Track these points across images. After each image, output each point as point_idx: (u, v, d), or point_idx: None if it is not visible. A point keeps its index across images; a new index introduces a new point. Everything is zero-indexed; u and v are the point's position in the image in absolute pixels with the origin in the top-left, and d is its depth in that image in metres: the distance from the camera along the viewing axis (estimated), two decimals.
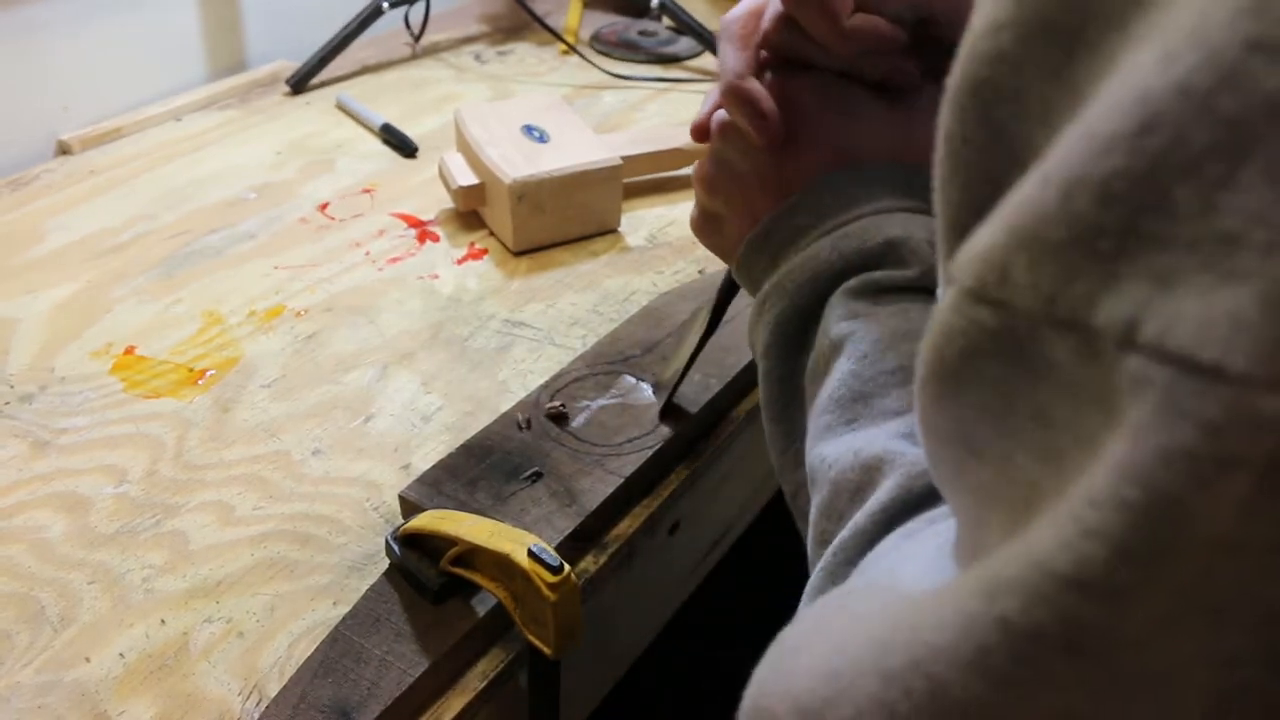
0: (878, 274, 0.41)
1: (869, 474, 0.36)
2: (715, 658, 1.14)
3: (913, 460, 0.35)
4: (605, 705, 0.65)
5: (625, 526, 0.58)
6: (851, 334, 0.40)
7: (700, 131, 0.50)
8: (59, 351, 0.72)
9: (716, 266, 0.80)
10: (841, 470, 0.37)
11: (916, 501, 0.34)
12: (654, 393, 0.64)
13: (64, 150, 0.98)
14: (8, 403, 0.67)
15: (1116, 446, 0.18)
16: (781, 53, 0.46)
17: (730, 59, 0.46)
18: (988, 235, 0.20)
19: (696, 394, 0.63)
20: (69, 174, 0.94)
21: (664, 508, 0.60)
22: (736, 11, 0.47)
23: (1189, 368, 0.16)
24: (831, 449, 0.39)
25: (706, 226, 0.51)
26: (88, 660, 0.51)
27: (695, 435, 0.64)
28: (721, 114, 0.48)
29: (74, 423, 0.65)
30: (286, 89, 1.10)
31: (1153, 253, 0.17)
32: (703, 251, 0.83)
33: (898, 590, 0.26)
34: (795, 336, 0.44)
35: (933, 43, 0.45)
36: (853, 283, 0.42)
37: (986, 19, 0.22)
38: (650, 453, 0.59)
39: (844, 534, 0.36)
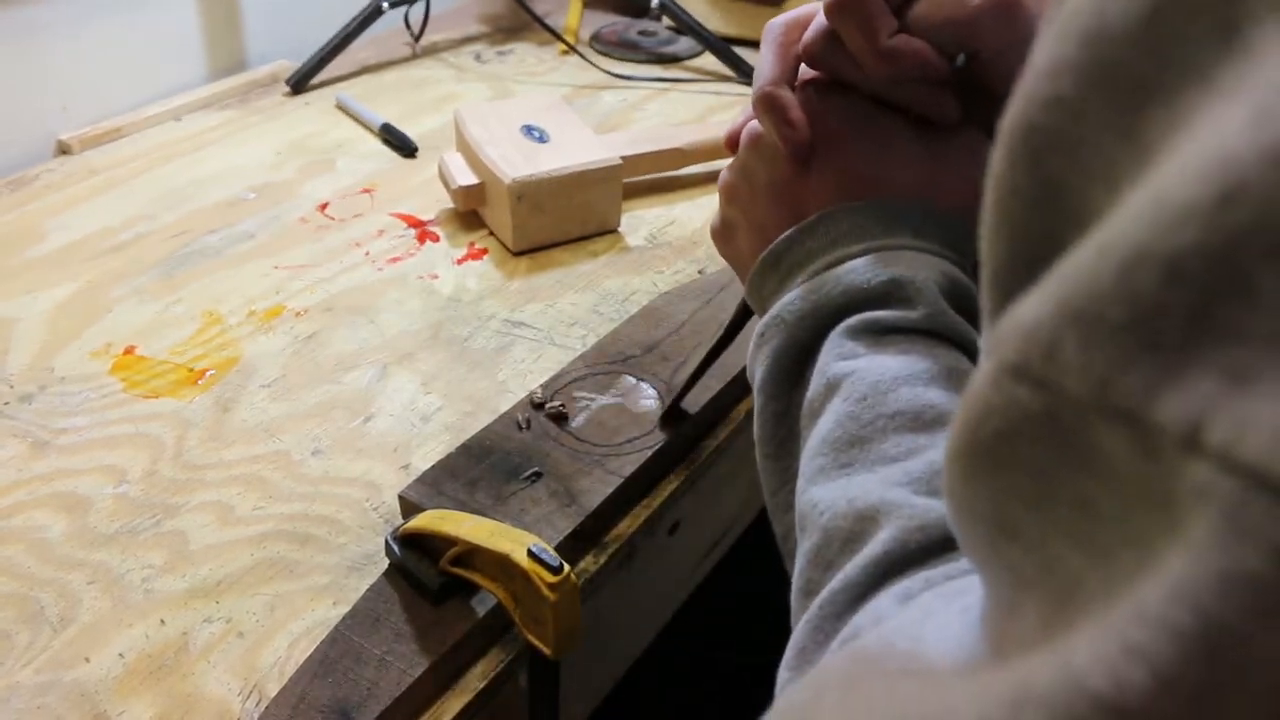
0: (880, 313, 0.40)
1: (862, 523, 0.35)
2: (715, 658, 1.14)
3: (910, 513, 0.34)
4: (605, 705, 0.65)
5: (625, 526, 0.58)
6: (850, 374, 0.39)
7: (733, 141, 0.48)
8: (59, 351, 0.72)
9: (716, 267, 0.80)
10: (833, 517, 0.36)
11: (912, 557, 0.33)
12: (659, 397, 0.64)
13: (64, 150, 0.98)
14: (7, 403, 0.67)
15: (1174, 561, 0.16)
16: (820, 67, 0.45)
17: (767, 66, 0.45)
18: (1034, 307, 0.18)
19: (696, 394, 0.63)
20: (68, 174, 0.94)
21: (664, 508, 0.60)
22: (782, 18, 0.46)
23: (1261, 483, 0.14)
24: (824, 494, 0.37)
25: (724, 235, 0.50)
26: (87, 660, 0.50)
27: (695, 435, 0.64)
28: (754, 123, 0.46)
29: (73, 423, 0.65)
30: (286, 89, 1.10)
31: (1226, 344, 0.15)
32: (703, 251, 0.83)
33: (921, 661, 0.24)
34: (792, 372, 0.42)
35: (976, 83, 0.44)
36: (853, 320, 0.40)
37: (1046, 58, 0.20)
38: (650, 453, 0.59)
39: (833, 585, 0.34)
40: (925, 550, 0.33)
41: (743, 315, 0.55)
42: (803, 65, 0.46)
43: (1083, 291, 0.17)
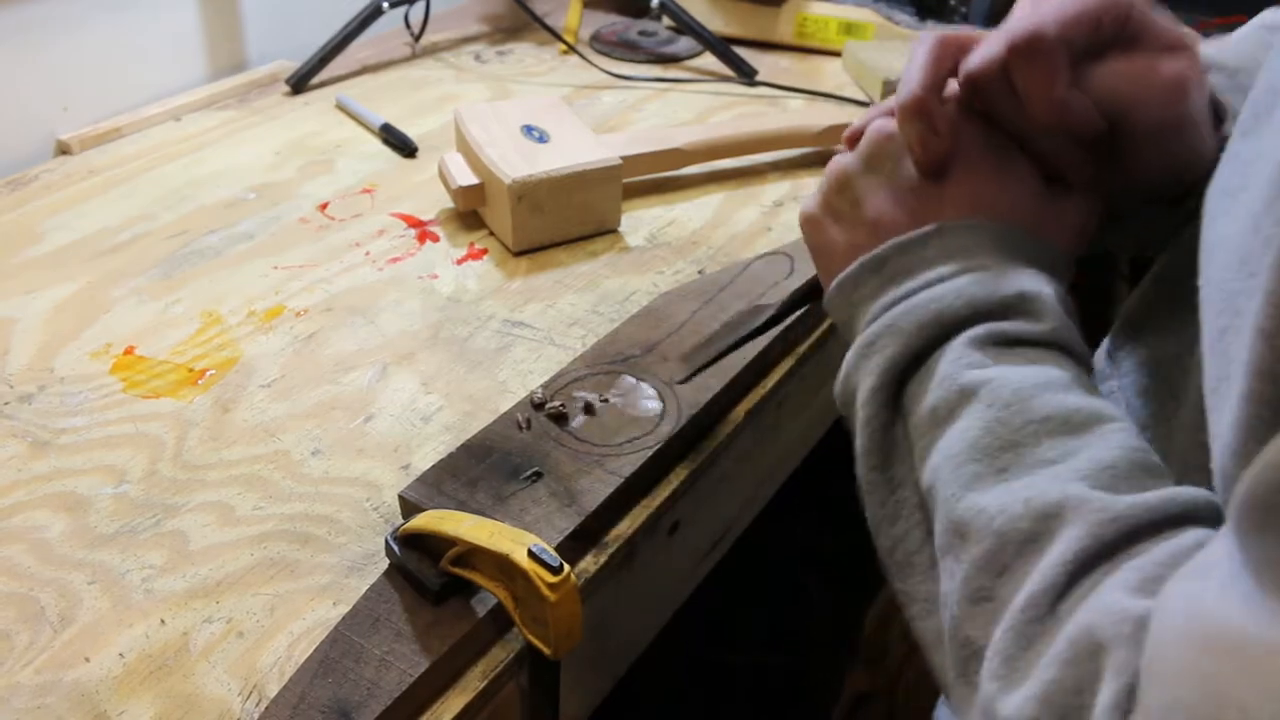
0: (1007, 324, 0.41)
1: (1045, 522, 0.35)
2: (715, 658, 1.14)
3: (1098, 506, 0.34)
4: (605, 705, 0.65)
5: (625, 526, 0.58)
6: (987, 381, 0.39)
7: (854, 137, 0.49)
8: (58, 351, 0.72)
9: (716, 267, 0.80)
10: (1010, 520, 0.35)
11: (1107, 549, 0.33)
12: (659, 397, 0.64)
13: (63, 150, 0.98)
14: (7, 403, 0.67)
15: None
16: (978, 95, 0.45)
17: (920, 73, 0.46)
18: None
19: (697, 394, 0.63)
20: (68, 174, 0.94)
21: (664, 508, 0.60)
22: (943, 32, 0.47)
23: None
24: (989, 499, 0.37)
25: (820, 223, 0.50)
26: (87, 660, 0.50)
27: (695, 435, 0.64)
28: (885, 122, 0.47)
29: (73, 423, 0.65)
30: (286, 89, 1.10)
31: None
32: (703, 251, 0.83)
33: (1254, 638, 0.26)
34: (902, 382, 0.42)
35: (1109, 151, 0.45)
36: (979, 330, 0.41)
37: None
38: (650, 453, 0.59)
39: (1030, 590, 0.34)
40: (1120, 541, 0.33)
41: (801, 300, 0.55)
42: (951, 83, 0.47)
43: None
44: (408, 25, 1.19)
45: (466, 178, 0.83)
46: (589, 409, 0.62)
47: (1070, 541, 0.34)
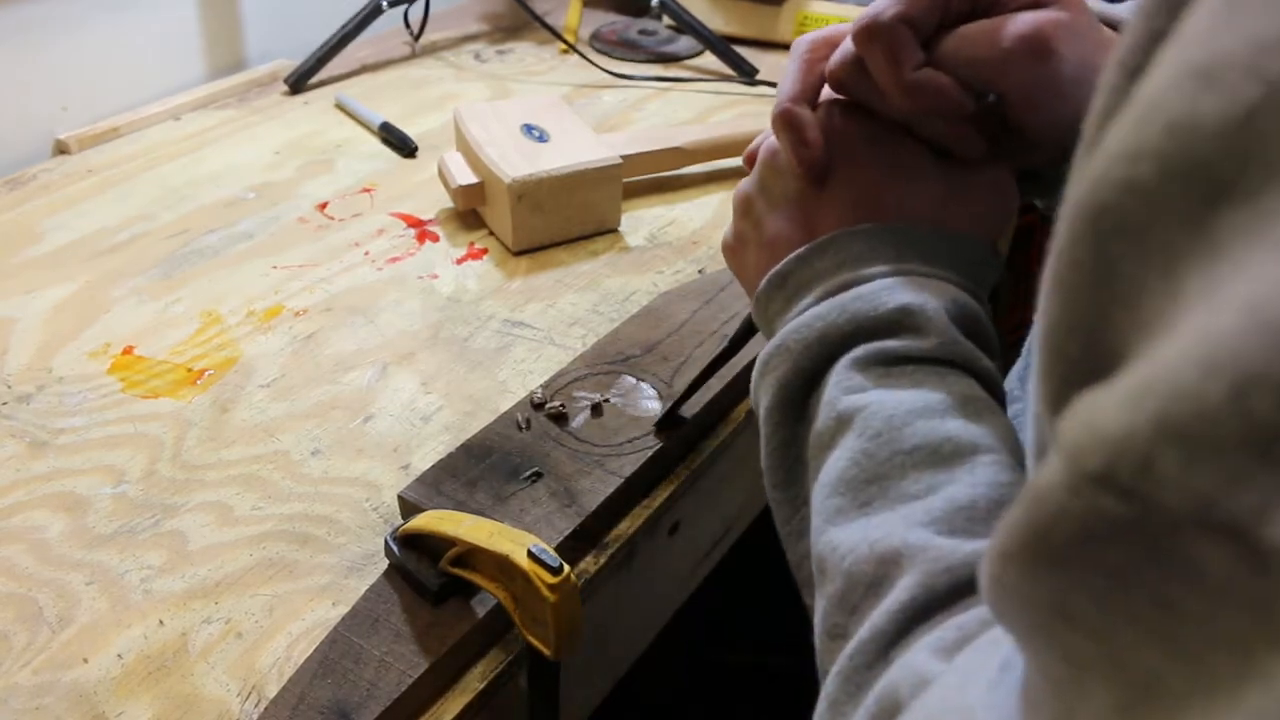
0: (889, 343, 0.39)
1: (885, 567, 0.34)
2: (715, 658, 1.14)
3: (934, 555, 0.33)
4: (605, 706, 0.65)
5: (625, 527, 0.58)
6: (862, 408, 0.38)
7: (752, 156, 0.49)
8: (57, 351, 0.72)
9: (716, 267, 0.80)
10: (856, 561, 0.35)
11: (939, 601, 0.32)
12: (659, 398, 0.64)
13: (62, 150, 0.98)
14: (5, 403, 0.67)
15: None
16: (844, 92, 0.44)
17: (789, 82, 0.45)
18: (1122, 416, 0.18)
19: (697, 394, 0.63)
20: (67, 174, 0.94)
21: (664, 508, 0.60)
22: (811, 35, 0.46)
23: None
24: (843, 536, 0.36)
25: (734, 249, 0.49)
26: (86, 661, 0.50)
27: (695, 436, 0.64)
28: (774, 139, 0.46)
29: (72, 423, 0.65)
30: (285, 88, 1.10)
31: None
32: (703, 251, 0.83)
33: None
34: (798, 401, 0.41)
35: (1006, 121, 0.43)
36: (860, 351, 0.39)
37: (1125, 143, 0.20)
38: (650, 453, 0.59)
39: (861, 635, 0.33)
40: (952, 593, 0.32)
41: (747, 331, 0.55)
42: (826, 85, 0.45)
43: (1187, 410, 0.17)
44: (407, 24, 1.19)
45: (466, 177, 0.83)
46: (589, 409, 0.62)
47: (904, 590, 0.33)
